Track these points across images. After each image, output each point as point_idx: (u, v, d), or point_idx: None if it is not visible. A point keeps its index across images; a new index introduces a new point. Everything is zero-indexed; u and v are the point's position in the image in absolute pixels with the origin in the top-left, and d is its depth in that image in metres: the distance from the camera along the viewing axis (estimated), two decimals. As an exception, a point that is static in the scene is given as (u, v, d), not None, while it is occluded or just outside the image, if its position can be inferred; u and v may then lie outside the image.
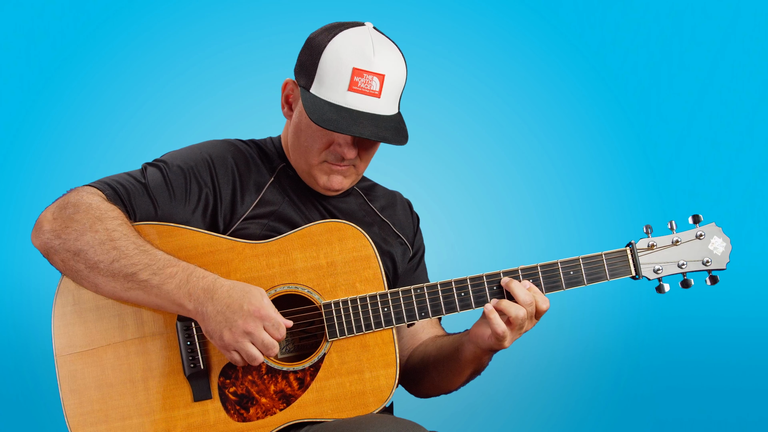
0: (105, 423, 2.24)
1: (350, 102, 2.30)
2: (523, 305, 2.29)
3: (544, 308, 2.33)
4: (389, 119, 2.34)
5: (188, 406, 2.27)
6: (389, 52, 2.34)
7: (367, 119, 2.30)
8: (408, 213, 2.66)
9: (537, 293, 2.32)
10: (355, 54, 2.30)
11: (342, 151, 2.36)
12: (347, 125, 2.27)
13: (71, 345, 2.26)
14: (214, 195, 2.36)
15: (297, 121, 2.39)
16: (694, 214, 2.41)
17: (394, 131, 2.32)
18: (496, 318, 2.30)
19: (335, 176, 2.40)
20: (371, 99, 2.31)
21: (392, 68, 2.33)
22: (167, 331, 2.27)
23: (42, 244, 2.21)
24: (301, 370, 2.30)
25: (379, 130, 2.29)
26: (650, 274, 2.41)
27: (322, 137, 2.36)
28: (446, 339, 2.51)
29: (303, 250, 2.32)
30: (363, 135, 2.26)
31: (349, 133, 2.26)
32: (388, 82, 2.32)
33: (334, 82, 2.30)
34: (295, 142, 2.41)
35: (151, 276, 2.18)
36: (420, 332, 2.60)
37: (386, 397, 2.31)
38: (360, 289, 2.33)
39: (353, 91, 2.29)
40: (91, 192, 2.23)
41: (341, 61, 2.29)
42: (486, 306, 2.31)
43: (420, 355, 2.56)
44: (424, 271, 2.67)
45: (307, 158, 2.39)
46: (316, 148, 2.37)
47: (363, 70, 2.29)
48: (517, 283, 2.32)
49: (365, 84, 2.30)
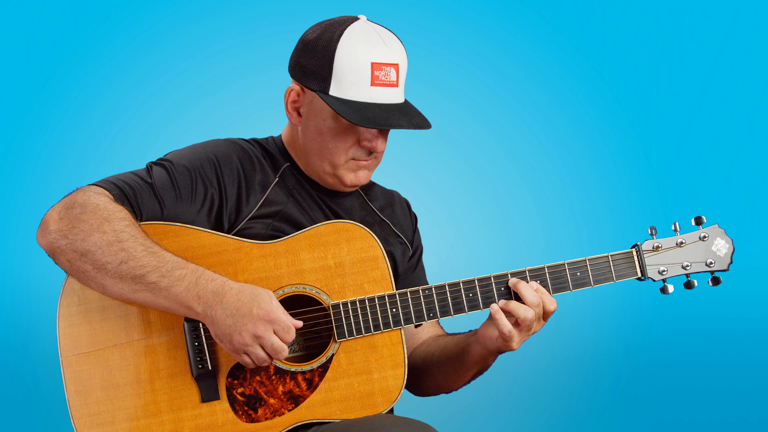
0: (112, 424, 2.24)
1: (375, 96, 2.31)
2: (530, 306, 2.30)
3: (552, 309, 2.33)
4: (408, 106, 2.38)
5: (196, 407, 2.26)
6: (395, 41, 2.37)
7: (395, 110, 2.33)
8: (406, 212, 2.66)
9: (544, 294, 2.33)
10: (370, 49, 2.31)
11: (373, 145, 2.37)
12: (385, 120, 2.29)
13: (77, 346, 2.25)
14: (220, 195, 2.36)
15: (316, 126, 2.38)
16: (697, 216, 2.42)
17: (420, 117, 2.36)
18: (502, 318, 2.30)
19: (362, 171, 2.41)
20: (392, 89, 2.34)
21: (402, 55, 2.37)
22: (174, 331, 2.27)
23: (48, 244, 2.20)
24: (310, 371, 2.30)
25: (411, 117, 2.34)
26: (655, 275, 2.41)
27: (350, 136, 2.37)
28: (450, 339, 2.52)
29: (311, 251, 2.32)
30: (403, 126, 2.29)
31: (390, 127, 2.29)
32: (401, 69, 2.35)
33: (355, 80, 2.30)
34: (316, 146, 2.40)
35: (160, 278, 2.17)
36: (420, 331, 2.61)
37: (395, 397, 2.31)
38: (368, 290, 2.33)
39: (376, 85, 2.31)
40: (98, 192, 2.22)
41: (358, 58, 2.30)
42: (492, 306, 2.32)
43: (422, 354, 2.56)
44: (422, 270, 2.67)
45: (332, 159, 2.39)
46: (344, 147, 2.37)
47: (381, 63, 2.31)
48: (525, 284, 2.32)
49: (385, 76, 2.32)
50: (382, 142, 2.39)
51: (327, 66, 2.32)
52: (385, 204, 2.62)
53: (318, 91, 2.34)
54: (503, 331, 2.30)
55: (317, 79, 2.34)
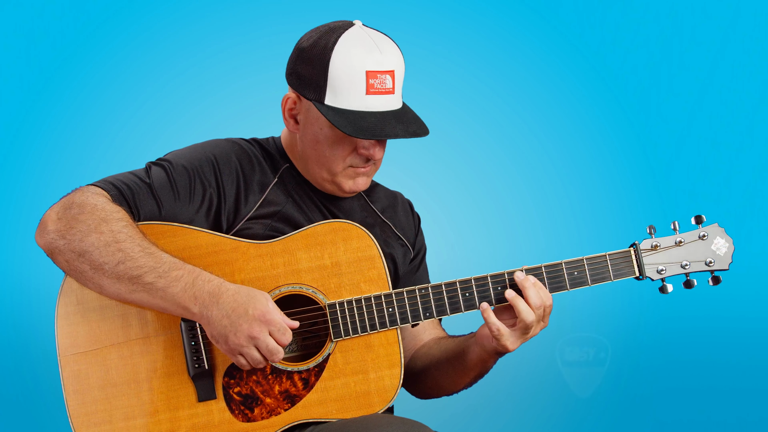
0: (109, 423, 2.24)
1: (371, 105, 2.30)
2: (532, 308, 2.30)
3: (549, 304, 2.33)
4: (405, 112, 2.36)
5: (192, 406, 2.26)
6: (390, 47, 2.35)
7: (391, 118, 2.31)
8: (409, 214, 2.66)
9: (541, 288, 2.32)
10: (364, 57, 2.29)
11: (370, 153, 2.37)
12: (380, 130, 2.28)
13: (75, 345, 2.26)
14: (218, 195, 2.36)
15: (313, 134, 2.38)
16: (696, 215, 2.41)
17: (417, 123, 2.34)
18: (490, 316, 2.31)
19: (360, 178, 2.41)
20: (388, 97, 2.32)
21: (398, 62, 2.34)
22: (171, 331, 2.27)
23: (46, 244, 2.20)
24: (306, 371, 2.30)
25: (407, 126, 2.32)
26: (654, 274, 2.41)
27: (347, 145, 2.36)
28: (450, 341, 2.52)
29: (307, 250, 2.32)
30: (398, 136, 2.28)
31: (386, 137, 2.28)
32: (398, 75, 2.34)
33: (351, 89, 2.29)
34: (314, 154, 2.40)
35: (156, 279, 2.17)
36: (421, 333, 2.60)
37: (391, 397, 2.31)
38: (364, 290, 2.33)
39: (371, 93, 2.30)
40: (96, 192, 2.23)
41: (353, 67, 2.29)
42: (482, 305, 2.32)
43: (423, 356, 2.56)
44: (425, 272, 2.67)
45: (330, 167, 2.39)
46: (341, 156, 2.37)
47: (376, 71, 2.30)
48: (531, 287, 2.32)
49: (380, 84, 2.30)
50: (380, 150, 2.38)
51: (322, 75, 2.31)
52: (387, 205, 2.61)
53: (313, 100, 2.33)
54: (492, 329, 2.30)
55: (313, 88, 2.33)
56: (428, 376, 2.53)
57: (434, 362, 2.51)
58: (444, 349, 2.51)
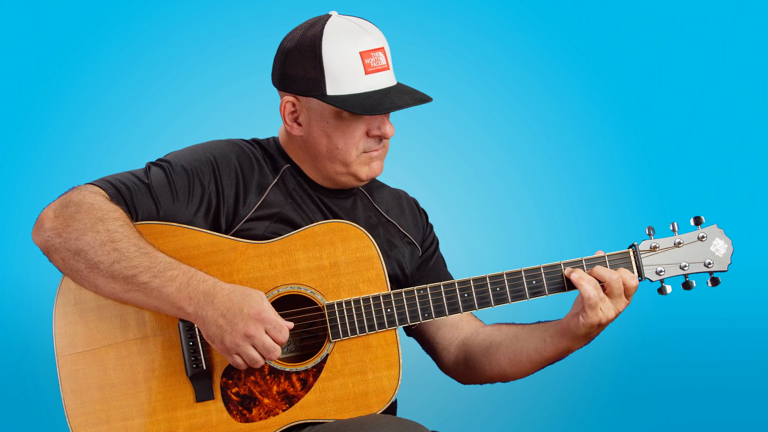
0: (107, 423, 2.24)
1: (372, 84, 2.32)
2: (608, 280, 2.32)
3: (634, 284, 2.35)
4: (403, 86, 2.39)
5: (190, 406, 2.26)
6: (371, 26, 2.38)
7: (395, 92, 2.35)
8: (415, 211, 2.64)
9: (622, 272, 2.35)
10: (354, 39, 2.32)
11: (383, 131, 2.38)
12: (391, 103, 2.31)
13: (72, 345, 2.26)
14: (217, 196, 2.36)
15: (322, 129, 2.38)
16: (696, 216, 2.41)
17: (418, 92, 2.38)
18: (587, 283, 2.30)
19: (375, 163, 2.42)
20: (386, 73, 2.35)
21: (383, 38, 2.38)
22: (169, 331, 2.27)
23: (42, 242, 2.20)
24: (304, 371, 2.30)
25: (412, 95, 2.36)
26: (652, 275, 2.40)
27: (357, 130, 2.36)
28: (521, 329, 2.48)
29: (306, 251, 2.32)
30: (408, 105, 2.32)
31: (399, 107, 2.30)
32: (387, 51, 2.38)
33: (350, 73, 2.31)
34: (325, 150, 2.39)
35: (151, 279, 2.17)
36: (460, 322, 2.58)
37: (389, 398, 2.31)
38: (363, 290, 2.33)
39: (370, 72, 2.32)
40: (94, 191, 2.23)
41: (345, 51, 2.31)
42: (573, 275, 2.32)
43: (483, 343, 2.51)
44: (440, 260, 2.65)
45: (344, 159, 2.39)
46: (353, 143, 2.37)
47: (369, 50, 2.32)
48: (583, 275, 2.32)
49: (376, 62, 2.33)
50: (390, 126, 2.39)
51: (317, 68, 2.32)
52: (391, 205, 2.61)
53: (316, 95, 2.34)
54: (589, 296, 2.28)
55: (311, 84, 2.33)
56: (491, 363, 2.49)
57: (501, 350, 2.47)
58: (513, 337, 2.47)
